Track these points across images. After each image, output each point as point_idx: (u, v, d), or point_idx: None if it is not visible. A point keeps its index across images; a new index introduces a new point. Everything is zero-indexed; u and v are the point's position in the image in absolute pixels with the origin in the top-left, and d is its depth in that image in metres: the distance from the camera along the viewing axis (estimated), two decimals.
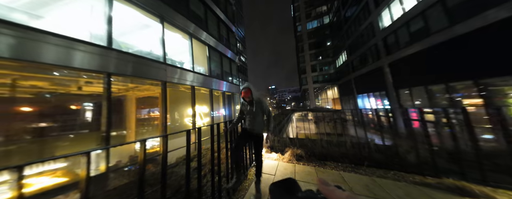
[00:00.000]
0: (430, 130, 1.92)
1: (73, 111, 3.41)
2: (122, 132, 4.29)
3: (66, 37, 2.34)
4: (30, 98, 2.80)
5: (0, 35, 1.81)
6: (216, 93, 6.90)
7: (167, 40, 4.39)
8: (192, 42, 5.53)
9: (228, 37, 8.73)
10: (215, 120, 6.38)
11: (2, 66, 2.06)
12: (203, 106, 5.97)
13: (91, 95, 3.42)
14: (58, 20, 2.77)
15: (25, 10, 2.48)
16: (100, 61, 2.71)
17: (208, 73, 6.32)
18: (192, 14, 5.61)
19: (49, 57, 2.17)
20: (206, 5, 6.66)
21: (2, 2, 2.17)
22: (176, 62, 5.03)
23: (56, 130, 2.98)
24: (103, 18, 2.93)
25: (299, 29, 25.27)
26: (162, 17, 4.28)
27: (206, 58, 6.41)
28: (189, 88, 5.12)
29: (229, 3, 9.48)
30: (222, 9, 8.08)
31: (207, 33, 6.37)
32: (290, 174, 2.01)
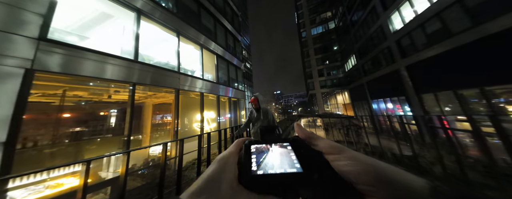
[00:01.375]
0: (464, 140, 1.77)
1: (102, 117, 3.94)
2: (139, 137, 4.72)
3: (104, 53, 2.89)
4: (71, 106, 3.36)
5: (58, 55, 2.35)
6: (222, 99, 7.26)
7: (181, 51, 4.98)
8: (202, 52, 6.14)
9: (234, 45, 9.44)
10: (221, 125, 6.59)
11: (57, 80, 2.60)
12: (210, 111, 6.30)
13: (117, 102, 3.95)
14: (99, 39, 3.43)
15: (77, 33, 3.16)
16: (127, 73, 3.22)
17: (215, 80, 6.79)
18: (203, 26, 6.34)
19: (90, 70, 2.69)
20: (215, 18, 7.49)
21: (62, 27, 2.82)
22: (188, 70, 5.59)
23: (88, 134, 3.46)
24: (132, 35, 3.55)
25: (304, 35, 26.02)
26: (178, 32, 4.94)
27: (214, 66, 6.96)
28: (198, 95, 5.53)
29: (236, 14, 10.47)
30: (229, 21, 8.95)
31: (215, 43, 7.03)
32: None
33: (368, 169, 0.13)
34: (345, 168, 0.14)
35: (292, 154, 0.18)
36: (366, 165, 0.13)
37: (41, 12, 2.20)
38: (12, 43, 1.97)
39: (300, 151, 0.18)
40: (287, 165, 0.17)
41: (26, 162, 2.50)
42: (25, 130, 2.18)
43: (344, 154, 0.15)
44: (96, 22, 3.69)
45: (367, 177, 0.13)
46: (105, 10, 3.47)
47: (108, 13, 3.57)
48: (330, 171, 0.15)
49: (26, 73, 2.02)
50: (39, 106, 2.94)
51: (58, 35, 2.48)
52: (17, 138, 1.87)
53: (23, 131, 2.03)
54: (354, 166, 0.14)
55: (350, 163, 0.14)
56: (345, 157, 0.15)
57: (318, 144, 0.18)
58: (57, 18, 2.39)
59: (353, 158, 0.14)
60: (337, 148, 0.16)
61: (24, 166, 2.43)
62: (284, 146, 0.20)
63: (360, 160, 0.14)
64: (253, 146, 0.20)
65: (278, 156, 0.18)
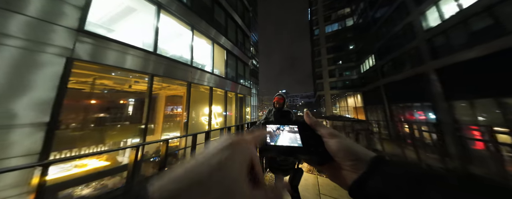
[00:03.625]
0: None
1: (122, 106, 4.36)
2: (152, 126, 5.11)
3: (129, 45, 3.17)
4: (98, 93, 3.77)
5: (92, 45, 2.64)
6: (229, 95, 7.46)
7: (194, 45, 5.20)
8: (213, 46, 6.33)
9: (243, 41, 9.51)
10: (227, 120, 6.78)
11: (89, 68, 2.93)
12: (218, 106, 6.54)
13: (136, 92, 4.30)
14: (124, 32, 3.74)
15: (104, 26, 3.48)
16: (147, 64, 3.49)
17: (224, 75, 6.96)
18: (215, 21, 6.48)
19: (117, 61, 2.98)
20: (227, 13, 7.58)
21: (93, 21, 3.13)
22: (200, 64, 5.82)
23: (110, 120, 3.87)
24: (152, 28, 3.80)
25: (317, 33, 25.03)
26: (192, 26, 5.15)
27: (223, 61, 7.13)
28: (207, 89, 5.76)
29: (247, 9, 10.45)
30: (240, 16, 8.98)
31: (226, 38, 7.17)
32: (313, 186, 1.95)
33: (342, 148, 0.21)
34: (332, 147, 0.22)
35: (297, 134, 0.25)
36: (343, 146, 0.21)
37: (80, 5, 2.48)
38: (56, 33, 2.27)
39: (305, 133, 0.25)
40: (292, 141, 0.24)
41: (61, 142, 2.89)
42: (64, 113, 2.52)
43: (335, 138, 0.22)
44: (122, 15, 4.01)
45: (341, 152, 0.21)
46: (130, 4, 3.75)
47: (132, 7, 3.85)
48: (323, 147, 0.22)
49: (67, 61, 2.32)
50: (73, 92, 3.34)
51: (91, 27, 2.77)
52: (57, 119, 2.18)
53: (63, 114, 2.36)
54: (336, 146, 0.21)
55: (335, 144, 0.21)
56: (334, 141, 0.22)
57: (320, 130, 0.24)
58: (92, 11, 2.67)
59: (339, 142, 0.22)
60: (332, 135, 0.23)
61: (60, 145, 2.81)
62: (293, 128, 0.26)
63: (341, 143, 0.21)
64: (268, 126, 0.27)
65: (287, 134, 0.25)
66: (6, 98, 1.82)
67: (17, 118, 1.87)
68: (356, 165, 0.19)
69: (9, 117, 1.82)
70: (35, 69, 2.04)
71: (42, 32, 2.12)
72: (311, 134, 0.24)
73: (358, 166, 0.19)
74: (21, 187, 1.76)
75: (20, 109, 1.89)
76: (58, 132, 2.25)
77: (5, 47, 1.85)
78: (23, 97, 1.93)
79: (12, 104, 1.86)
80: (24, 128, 1.90)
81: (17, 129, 1.86)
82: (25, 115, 1.92)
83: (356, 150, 0.20)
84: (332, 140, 0.22)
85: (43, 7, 2.14)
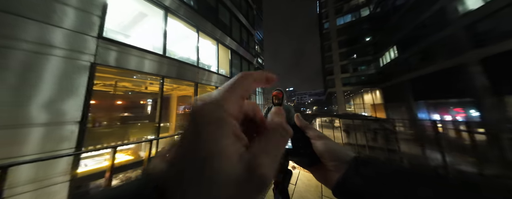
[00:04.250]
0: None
1: (141, 105, 4.87)
2: (167, 124, 5.61)
3: (142, 49, 3.45)
4: (120, 95, 4.27)
5: (111, 51, 2.94)
6: None
7: (200, 46, 5.41)
8: (218, 47, 6.48)
9: (247, 40, 9.52)
10: None
11: (110, 72, 3.29)
12: None
13: (151, 93, 4.73)
14: (138, 37, 4.09)
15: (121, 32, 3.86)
16: (158, 67, 3.76)
17: (229, 75, 7.10)
18: (220, 21, 6.64)
19: (133, 64, 3.27)
20: (231, 12, 7.67)
21: (112, 27, 3.49)
22: (205, 65, 6.03)
23: (132, 119, 4.38)
24: (161, 32, 4.05)
25: (326, 26, 23.53)
26: (197, 27, 5.35)
27: (228, 61, 7.26)
28: (213, 89, 5.95)
29: (251, 7, 10.39)
30: (244, 14, 9.00)
31: (230, 38, 7.27)
32: (315, 187, 1.90)
33: (327, 149, 0.22)
34: (318, 148, 0.23)
35: None
36: (327, 147, 0.23)
37: (99, 14, 2.78)
38: (83, 41, 2.59)
39: (295, 135, 0.26)
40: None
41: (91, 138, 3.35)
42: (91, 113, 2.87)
43: (321, 140, 0.24)
44: (135, 21, 4.39)
45: (326, 154, 0.22)
46: (142, 10, 4.08)
47: (144, 13, 4.19)
48: (311, 149, 0.24)
49: (91, 66, 2.64)
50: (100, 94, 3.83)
51: (110, 34, 3.10)
52: (87, 118, 2.50)
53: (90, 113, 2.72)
54: (322, 147, 0.23)
55: (321, 145, 0.23)
56: (320, 142, 0.23)
57: (309, 132, 0.25)
58: (109, 19, 2.97)
59: (324, 143, 0.23)
60: (319, 137, 0.24)
61: (90, 141, 3.26)
62: None
63: (327, 144, 0.23)
64: None
65: None
66: (45, 100, 2.16)
67: (55, 117, 2.20)
68: (338, 165, 0.20)
69: (48, 117, 2.15)
70: (66, 74, 2.37)
71: (70, 40, 2.45)
72: (301, 137, 0.25)
73: (340, 166, 0.20)
74: (63, 176, 2.08)
75: (56, 109, 2.23)
76: (88, 129, 2.58)
77: (40, 55, 2.18)
78: (59, 99, 2.26)
79: (51, 105, 2.19)
80: (61, 126, 2.23)
81: (55, 126, 2.19)
82: (62, 114, 2.26)
83: (338, 151, 0.22)
84: (318, 142, 0.23)
85: (68, 17, 2.46)
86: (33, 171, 1.93)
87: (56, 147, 2.17)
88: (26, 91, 2.02)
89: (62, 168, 2.13)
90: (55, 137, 2.16)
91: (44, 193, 2.01)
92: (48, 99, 2.17)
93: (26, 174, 1.89)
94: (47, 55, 2.22)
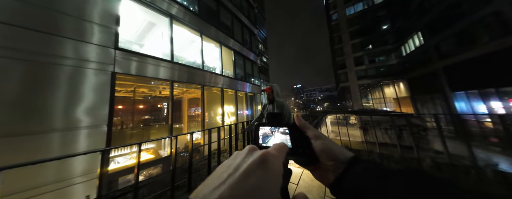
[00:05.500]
0: None
1: (158, 109, 5.46)
2: (181, 125, 6.21)
3: (152, 57, 3.83)
4: (140, 99, 4.85)
5: (127, 60, 3.31)
6: (240, 94, 7.71)
7: (204, 50, 5.69)
8: (221, 49, 6.69)
9: (250, 40, 9.59)
10: (239, 119, 7.11)
11: (130, 80, 3.73)
12: (230, 106, 6.90)
13: (166, 97, 5.23)
14: (149, 45, 4.52)
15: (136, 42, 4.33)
16: (167, 72, 4.10)
17: (233, 76, 7.27)
18: (221, 24, 6.85)
19: (145, 71, 3.64)
20: (233, 14, 7.85)
21: (128, 38, 3.94)
22: (210, 68, 6.30)
23: (152, 121, 4.95)
24: (168, 39, 4.39)
25: (335, 17, 22.02)
26: (201, 32, 5.62)
27: (232, 62, 7.42)
28: (219, 90, 6.16)
29: (252, 7, 10.42)
30: (245, 15, 9.11)
31: (233, 40, 7.45)
32: (318, 188, 1.79)
33: (325, 149, 0.23)
34: (317, 148, 0.23)
35: (287, 136, 0.27)
36: (325, 147, 0.23)
37: (115, 26, 3.16)
38: (103, 52, 2.98)
39: (295, 135, 0.27)
40: (282, 142, 0.26)
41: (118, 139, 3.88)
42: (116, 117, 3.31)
43: (319, 140, 0.24)
44: (146, 31, 4.88)
45: (323, 153, 0.23)
46: (150, 19, 4.50)
47: (152, 22, 4.62)
48: (310, 149, 0.24)
49: (112, 75, 3.02)
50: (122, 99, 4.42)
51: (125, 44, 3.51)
52: (112, 121, 2.87)
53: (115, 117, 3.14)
54: (320, 147, 0.23)
55: (319, 145, 0.23)
56: (318, 142, 0.24)
57: (308, 132, 0.26)
58: (123, 30, 3.37)
59: (322, 143, 0.23)
60: (318, 136, 0.25)
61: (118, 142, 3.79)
62: (284, 130, 0.28)
63: (325, 144, 0.23)
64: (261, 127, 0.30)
65: (278, 136, 0.28)
66: (80, 106, 2.57)
67: (85, 121, 2.59)
68: (336, 165, 0.21)
69: (81, 121, 2.55)
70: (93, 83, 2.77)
71: (93, 53, 2.86)
72: (300, 136, 0.26)
73: (338, 166, 0.21)
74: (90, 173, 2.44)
75: (88, 114, 2.63)
76: (114, 132, 2.96)
77: (66, 67, 2.60)
78: (90, 105, 2.67)
79: (85, 110, 2.60)
80: (92, 129, 2.62)
81: (88, 129, 2.59)
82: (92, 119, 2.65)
83: (336, 151, 0.22)
84: (317, 141, 0.24)
85: (90, 31, 2.87)
86: (78, 166, 2.32)
87: (93, 147, 2.55)
88: (68, 99, 2.44)
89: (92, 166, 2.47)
90: (89, 138, 2.55)
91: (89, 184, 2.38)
92: (84, 105, 2.58)
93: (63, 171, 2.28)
94: (79, 68, 2.64)
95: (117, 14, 3.20)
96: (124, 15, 3.42)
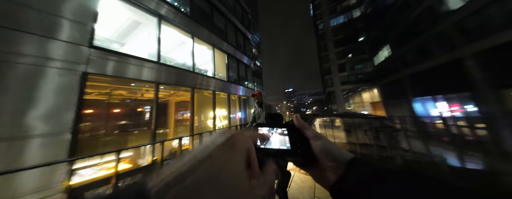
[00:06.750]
0: None
1: (138, 113, 4.79)
2: (166, 131, 5.50)
3: (135, 57, 3.44)
4: (116, 103, 4.20)
5: (106, 60, 2.91)
6: (233, 97, 7.51)
7: (195, 52, 5.42)
8: (214, 52, 6.50)
9: (244, 44, 9.60)
10: (232, 122, 6.87)
11: (106, 81, 3.25)
12: (222, 109, 6.63)
13: (149, 100, 4.68)
14: (132, 44, 4.09)
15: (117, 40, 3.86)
16: (153, 73, 3.73)
17: (226, 78, 7.08)
18: (215, 27, 6.70)
19: (126, 72, 3.24)
20: (226, 17, 7.78)
21: (107, 36, 3.50)
22: (202, 70, 6.01)
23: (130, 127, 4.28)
24: (155, 40, 4.07)
25: (321, 27, 24.00)
26: (192, 33, 5.38)
27: (225, 65, 7.26)
28: (211, 93, 5.89)
29: (246, 12, 10.58)
30: (239, 19, 9.14)
31: (227, 43, 7.33)
32: (308, 189, 1.84)
33: (324, 150, 0.22)
34: (316, 149, 0.23)
35: (286, 136, 0.26)
36: (325, 148, 0.23)
37: (91, 24, 2.78)
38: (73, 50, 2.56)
39: (294, 135, 0.26)
40: (282, 143, 0.26)
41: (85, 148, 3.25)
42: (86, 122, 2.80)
43: (319, 140, 0.23)
44: (130, 30, 4.42)
45: (323, 154, 0.22)
46: (135, 18, 4.11)
47: (138, 21, 4.22)
48: (309, 149, 0.24)
49: (83, 75, 2.60)
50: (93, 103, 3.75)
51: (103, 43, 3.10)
52: (79, 128, 2.42)
53: (84, 123, 2.65)
54: (319, 148, 0.23)
55: (318, 146, 0.23)
56: (318, 143, 0.23)
57: (306, 132, 0.25)
58: (102, 28, 2.97)
59: (321, 144, 0.23)
60: (317, 137, 0.24)
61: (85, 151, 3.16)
62: (283, 130, 0.27)
63: (324, 145, 0.23)
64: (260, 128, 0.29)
65: (277, 137, 0.27)
66: (34, 111, 2.10)
67: (41, 128, 2.12)
68: (335, 166, 0.21)
69: (35, 128, 2.08)
70: (56, 84, 2.32)
71: (59, 50, 2.42)
72: (299, 137, 0.26)
73: (338, 167, 0.21)
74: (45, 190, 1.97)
75: (45, 120, 2.16)
76: (81, 139, 2.49)
77: (22, 66, 2.15)
78: (49, 110, 2.20)
79: (41, 116, 2.13)
80: (50, 138, 2.15)
81: (44, 138, 2.11)
82: (50, 125, 2.18)
83: (335, 152, 0.22)
84: (316, 142, 0.23)
85: (60, 28, 2.45)
86: (29, 181, 1.83)
87: (51, 158, 2.08)
88: (19, 102, 1.97)
89: (54, 179, 2.02)
90: (45, 148, 2.08)
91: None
92: (41, 110, 2.11)
93: (20, 184, 1.79)
94: (40, 67, 2.19)
95: (94, 10, 2.81)
96: (104, 12, 3.03)
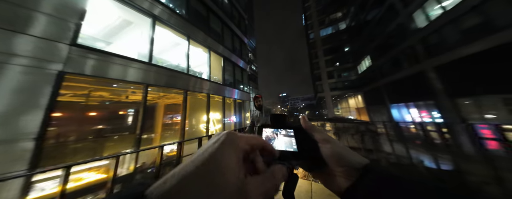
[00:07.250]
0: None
1: (120, 116, 4.27)
2: (151, 135, 4.95)
3: (122, 57, 3.18)
4: (96, 105, 3.71)
5: (88, 59, 2.63)
6: (228, 101, 7.37)
7: (191, 54, 5.26)
8: (210, 54, 6.41)
9: (240, 48, 9.70)
10: (226, 127, 6.64)
11: (84, 81, 2.90)
12: (216, 113, 6.41)
13: (134, 102, 4.26)
14: (121, 44, 3.79)
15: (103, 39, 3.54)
16: (142, 75, 3.47)
17: (222, 81, 6.97)
18: (211, 30, 6.67)
19: (110, 72, 2.96)
20: (223, 22, 7.84)
21: (92, 34, 3.19)
22: (196, 72, 5.83)
23: (106, 132, 3.76)
24: (148, 39, 3.86)
25: (312, 36, 25.83)
26: (188, 36, 5.26)
27: (220, 68, 7.18)
28: (205, 96, 5.70)
29: (242, 17, 10.85)
30: (236, 24, 9.29)
31: (223, 46, 7.31)
32: (305, 193, 1.85)
33: (335, 154, 0.21)
34: (325, 152, 0.22)
35: (293, 138, 0.25)
36: (335, 151, 0.21)
37: (74, 20, 2.52)
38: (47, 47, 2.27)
39: (301, 138, 0.25)
40: (288, 145, 0.25)
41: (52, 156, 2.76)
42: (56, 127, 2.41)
43: (328, 144, 0.22)
44: (119, 29, 4.11)
45: (333, 158, 0.21)
46: (126, 17, 3.87)
47: (128, 20, 3.96)
48: (318, 153, 0.22)
49: (58, 75, 2.29)
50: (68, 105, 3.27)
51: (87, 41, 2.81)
52: (46, 133, 2.08)
53: (54, 128, 2.27)
54: (329, 151, 0.22)
55: (328, 149, 0.22)
56: (327, 146, 0.22)
57: (315, 135, 0.24)
58: (87, 25, 2.72)
59: (331, 147, 0.22)
60: (326, 140, 0.23)
61: (52, 160, 2.68)
62: (289, 132, 0.26)
63: (334, 149, 0.22)
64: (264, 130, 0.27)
65: (282, 139, 0.26)
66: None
67: (6, 133, 1.77)
68: (348, 171, 0.20)
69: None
70: (18, 84, 1.99)
71: (28, 46, 2.12)
72: (307, 139, 0.25)
73: (351, 172, 0.20)
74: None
75: (6, 124, 1.81)
76: (48, 146, 2.13)
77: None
78: (14, 112, 1.86)
79: (4, 119, 1.78)
80: (3, 146, 1.79)
81: (2, 145, 1.76)
82: (6, 132, 1.83)
83: (348, 157, 0.21)
84: (326, 145, 0.23)
85: (33, 22, 2.17)
86: None
87: (5, 170, 1.71)
88: None
89: (11, 194, 1.65)
90: (5, 158, 1.71)
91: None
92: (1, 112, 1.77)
93: None
94: (5, 64, 1.86)
95: (81, 7, 2.57)
96: (91, 9, 2.78)
